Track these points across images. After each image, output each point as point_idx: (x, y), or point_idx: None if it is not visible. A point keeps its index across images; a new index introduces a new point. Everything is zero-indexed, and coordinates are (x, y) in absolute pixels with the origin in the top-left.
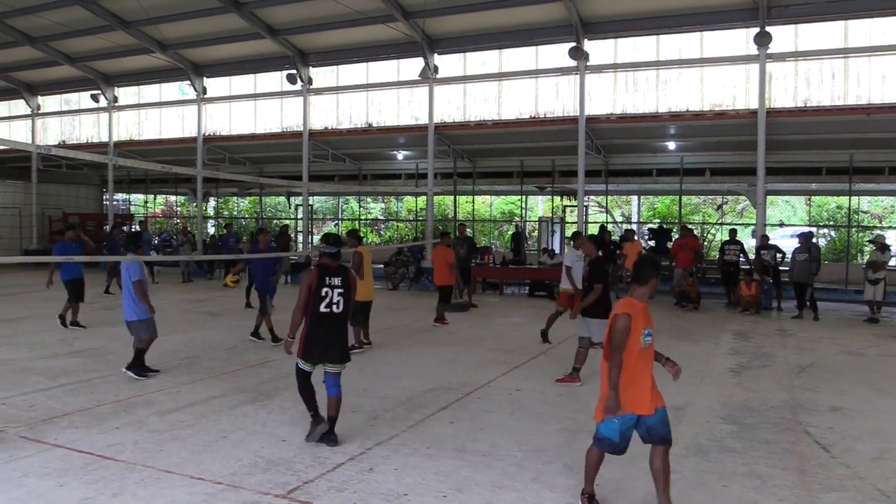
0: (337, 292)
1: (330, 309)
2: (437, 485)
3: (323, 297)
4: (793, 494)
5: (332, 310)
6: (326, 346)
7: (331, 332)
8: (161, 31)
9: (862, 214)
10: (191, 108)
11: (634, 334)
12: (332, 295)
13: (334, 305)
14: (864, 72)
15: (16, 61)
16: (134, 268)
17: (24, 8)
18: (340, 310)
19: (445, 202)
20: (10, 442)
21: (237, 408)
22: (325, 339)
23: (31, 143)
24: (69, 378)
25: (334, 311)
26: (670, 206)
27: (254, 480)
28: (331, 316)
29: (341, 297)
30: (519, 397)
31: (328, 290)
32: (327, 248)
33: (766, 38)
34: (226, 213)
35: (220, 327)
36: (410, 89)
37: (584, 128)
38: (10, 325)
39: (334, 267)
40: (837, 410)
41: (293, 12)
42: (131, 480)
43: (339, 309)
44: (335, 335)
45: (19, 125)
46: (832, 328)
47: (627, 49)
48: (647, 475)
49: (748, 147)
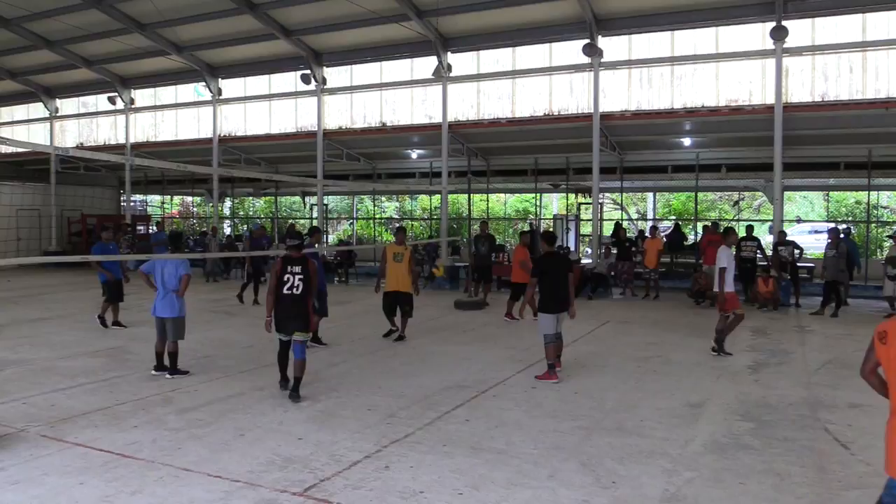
0: (297, 277)
1: (291, 291)
2: (452, 482)
3: (285, 282)
4: (812, 492)
5: (293, 291)
6: (288, 320)
7: (292, 308)
8: (176, 34)
9: (881, 209)
10: (206, 110)
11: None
12: (293, 280)
13: (295, 288)
14: (883, 65)
15: (34, 65)
16: (183, 263)
17: (43, 12)
18: (300, 291)
19: (460, 200)
20: (31, 441)
21: (254, 406)
22: (288, 315)
23: (50, 146)
24: (88, 378)
25: (295, 293)
26: (686, 203)
27: (271, 478)
28: (291, 296)
29: (301, 282)
30: (534, 395)
31: (290, 276)
32: (291, 241)
33: (782, 32)
34: (241, 214)
35: (237, 326)
36: (424, 88)
37: (598, 125)
38: (30, 326)
39: (296, 257)
40: (857, 407)
41: (307, 13)
42: (150, 479)
43: (298, 291)
44: (296, 311)
45: (38, 128)
46: (851, 325)
47: (642, 45)
48: (663, 472)
49: (765, 143)
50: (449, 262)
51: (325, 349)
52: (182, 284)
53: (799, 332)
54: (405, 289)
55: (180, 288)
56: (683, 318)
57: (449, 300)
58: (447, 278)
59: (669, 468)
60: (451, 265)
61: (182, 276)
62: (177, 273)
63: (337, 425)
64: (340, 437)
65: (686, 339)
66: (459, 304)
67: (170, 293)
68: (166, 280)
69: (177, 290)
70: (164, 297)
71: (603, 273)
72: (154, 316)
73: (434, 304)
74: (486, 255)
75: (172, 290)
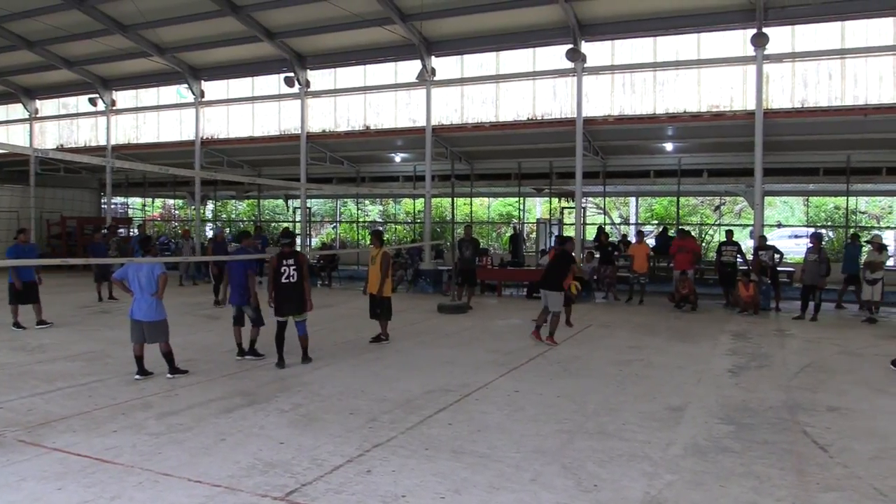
0: (291, 268)
1: (288, 280)
2: (435, 486)
3: (282, 273)
4: (791, 494)
5: (290, 280)
6: (287, 304)
7: (289, 294)
8: (159, 35)
9: (860, 215)
10: (188, 112)
11: None
12: (288, 270)
13: (290, 277)
14: (861, 72)
15: (14, 65)
16: (158, 265)
17: (23, 12)
18: (294, 280)
19: (443, 204)
20: (8, 446)
21: (235, 410)
22: (286, 299)
23: (30, 147)
24: (66, 382)
25: (291, 281)
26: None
27: (252, 483)
28: (288, 285)
29: (295, 272)
30: (517, 399)
31: (285, 267)
32: (284, 239)
33: (763, 39)
34: (224, 217)
35: (218, 330)
36: (408, 92)
37: (581, 129)
38: (7, 329)
39: (288, 252)
40: (835, 410)
41: (290, 15)
42: (129, 483)
43: (293, 279)
44: (292, 296)
45: (17, 129)
46: (830, 328)
47: (625, 51)
48: (644, 475)
49: (746, 148)
50: (431, 266)
51: (263, 361)
52: (160, 285)
53: (779, 336)
54: (376, 291)
55: (159, 289)
56: (665, 322)
57: (432, 304)
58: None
59: (650, 471)
60: (433, 269)
61: (159, 275)
62: (153, 275)
63: (319, 429)
64: (322, 441)
65: (668, 343)
66: (443, 308)
67: (147, 296)
68: (143, 284)
69: (155, 293)
70: (142, 300)
71: (585, 277)
72: (131, 319)
73: (417, 307)
74: (469, 258)
75: (151, 293)
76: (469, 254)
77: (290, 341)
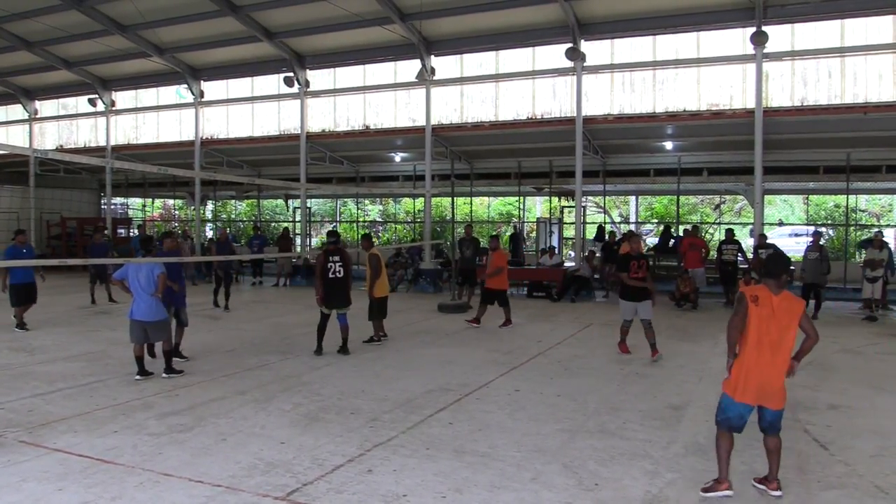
0: (338, 265)
1: (335, 275)
2: (436, 485)
3: (329, 269)
4: (791, 492)
5: (336, 276)
6: (333, 298)
7: (336, 289)
8: (158, 35)
9: (860, 213)
10: (188, 112)
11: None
12: (334, 267)
13: (337, 273)
14: (861, 70)
15: (13, 66)
16: (158, 264)
17: (22, 13)
18: (341, 275)
19: (443, 204)
20: (8, 446)
21: (236, 410)
22: (333, 294)
23: (29, 148)
24: (67, 382)
25: (337, 277)
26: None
27: (253, 483)
28: (335, 280)
29: (341, 267)
30: (518, 398)
31: (332, 264)
32: (331, 239)
33: (762, 37)
34: (224, 216)
35: (219, 330)
36: (407, 91)
37: (581, 128)
38: (7, 330)
39: (334, 249)
40: (836, 408)
41: (290, 15)
42: (130, 484)
43: (340, 275)
44: (339, 291)
45: (17, 130)
46: (831, 326)
47: (624, 49)
48: (645, 474)
49: (745, 146)
50: (432, 266)
51: (186, 364)
52: (160, 283)
53: None
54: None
55: (159, 287)
56: (665, 321)
57: (432, 303)
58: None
59: (651, 470)
60: (433, 268)
61: (158, 275)
62: (153, 275)
63: (320, 429)
64: (323, 441)
65: (668, 342)
66: (443, 308)
67: (147, 296)
68: (143, 284)
69: (155, 292)
70: (143, 300)
71: (586, 276)
72: (131, 319)
73: (417, 307)
74: (470, 258)
75: (151, 292)
76: (469, 253)
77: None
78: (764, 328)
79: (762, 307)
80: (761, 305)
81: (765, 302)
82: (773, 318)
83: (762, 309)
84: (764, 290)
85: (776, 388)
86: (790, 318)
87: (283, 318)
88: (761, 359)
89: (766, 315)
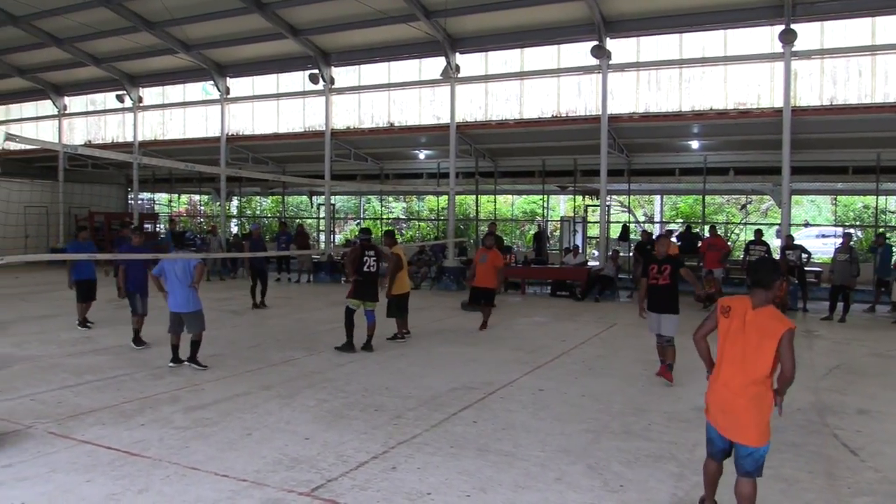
0: (372, 259)
1: (369, 269)
2: (460, 484)
3: (364, 263)
4: (820, 498)
5: (370, 269)
6: (365, 291)
7: (368, 283)
8: (185, 32)
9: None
10: (214, 108)
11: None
12: (369, 261)
13: (371, 267)
14: (892, 69)
15: (43, 62)
16: (192, 259)
17: (51, 9)
18: (374, 269)
19: (467, 201)
20: (38, 437)
21: (261, 405)
22: (365, 287)
23: (58, 143)
24: (95, 375)
25: (371, 271)
26: (693, 206)
27: (278, 478)
28: (369, 273)
29: (375, 262)
30: (542, 397)
31: (367, 258)
32: (363, 235)
33: (791, 35)
34: (248, 213)
35: (243, 325)
36: (432, 89)
37: (606, 127)
38: (38, 322)
39: (369, 244)
40: (866, 413)
41: (315, 12)
42: (157, 477)
43: (374, 269)
44: (371, 285)
45: (46, 125)
46: (860, 329)
47: (650, 47)
48: (670, 476)
49: (773, 146)
50: (455, 263)
51: (145, 350)
52: (197, 274)
53: (806, 337)
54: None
55: (195, 278)
56: (690, 322)
57: (455, 301)
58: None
59: (677, 472)
60: (457, 266)
61: (195, 265)
62: (189, 267)
63: (344, 426)
64: (347, 437)
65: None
66: (466, 305)
67: (184, 288)
68: (180, 276)
69: (192, 283)
70: (180, 292)
71: (610, 275)
72: (171, 311)
73: (440, 304)
74: None
75: (188, 284)
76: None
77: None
78: (728, 343)
79: (732, 319)
80: (731, 317)
81: (736, 314)
82: (742, 334)
83: (732, 321)
84: (742, 301)
85: (737, 415)
86: (763, 337)
87: (307, 315)
88: (719, 377)
89: (734, 329)
